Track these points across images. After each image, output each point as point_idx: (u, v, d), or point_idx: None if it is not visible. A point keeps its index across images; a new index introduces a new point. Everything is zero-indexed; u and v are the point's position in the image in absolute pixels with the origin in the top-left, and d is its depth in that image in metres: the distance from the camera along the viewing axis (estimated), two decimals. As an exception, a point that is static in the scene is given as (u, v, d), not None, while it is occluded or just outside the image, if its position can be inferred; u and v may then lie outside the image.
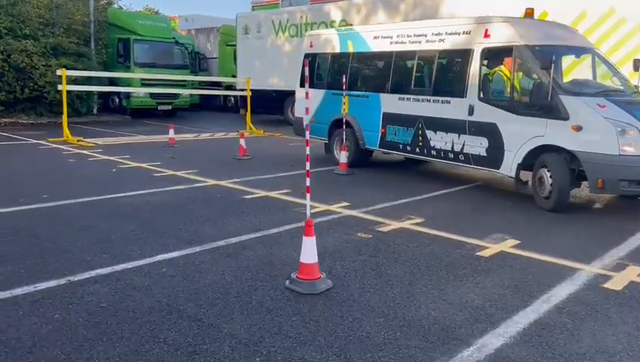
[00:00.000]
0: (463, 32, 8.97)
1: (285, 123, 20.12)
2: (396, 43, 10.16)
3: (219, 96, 25.12)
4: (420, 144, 9.46)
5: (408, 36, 9.97)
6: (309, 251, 4.40)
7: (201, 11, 39.61)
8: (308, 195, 4.60)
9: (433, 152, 9.26)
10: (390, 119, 10.06)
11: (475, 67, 8.63)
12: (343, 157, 10.16)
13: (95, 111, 20.20)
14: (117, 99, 21.02)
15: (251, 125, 17.27)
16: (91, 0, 20.14)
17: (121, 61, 20.64)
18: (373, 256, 5.29)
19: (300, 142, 13.68)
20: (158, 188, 8.17)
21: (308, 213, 4.55)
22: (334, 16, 18.40)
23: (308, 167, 4.58)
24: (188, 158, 11.28)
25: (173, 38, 22.45)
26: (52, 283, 4.39)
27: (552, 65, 7.61)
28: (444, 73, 9.59)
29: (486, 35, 8.59)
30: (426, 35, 9.62)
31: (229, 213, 6.83)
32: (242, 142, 11.58)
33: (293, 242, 5.65)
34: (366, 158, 11.06)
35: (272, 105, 20.68)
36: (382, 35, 10.56)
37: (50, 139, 13.39)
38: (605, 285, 4.66)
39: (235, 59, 25.14)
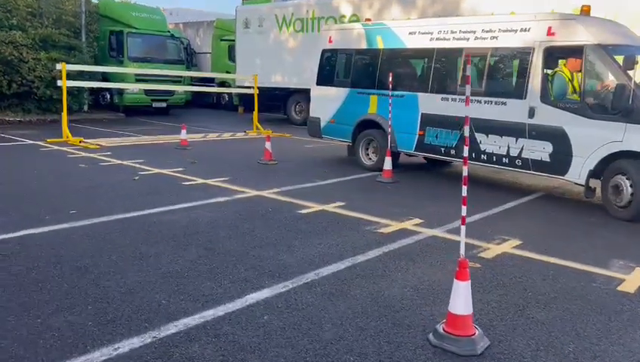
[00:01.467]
0: (521, 30, 8.23)
1: (288, 122, 19.16)
2: (437, 39, 9.33)
3: (211, 93, 23.94)
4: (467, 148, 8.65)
5: (452, 32, 9.14)
6: (463, 300, 3.48)
7: (182, 4, 38.22)
8: (463, 227, 3.66)
9: (483, 157, 8.51)
10: (430, 121, 9.25)
11: (536, 67, 7.92)
12: (387, 163, 9.26)
13: (86, 108, 18.85)
14: (108, 96, 19.70)
15: (259, 125, 16.24)
16: (82, -12, 18.83)
17: (114, 55, 19.36)
18: (504, 294, 4.40)
19: (318, 144, 12.78)
20: (196, 200, 7.15)
21: (462, 252, 3.61)
22: (344, 11, 17.47)
23: (465, 193, 3.65)
24: (209, 163, 10.25)
25: (169, 31, 21.21)
26: (135, 343, 3.39)
27: (636, 66, 6.96)
28: (498, 73, 8.88)
29: (549, 33, 7.87)
30: (474, 32, 8.83)
31: (295, 234, 5.87)
32: (268, 145, 10.57)
33: (395, 275, 4.75)
34: (395, 161, 10.22)
35: (273, 103, 19.63)
36: (419, 31, 9.71)
37: (49, 140, 12.17)
38: None
39: (229, 54, 24.04)
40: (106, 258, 4.87)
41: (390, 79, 9.26)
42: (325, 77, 11.23)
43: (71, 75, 15.42)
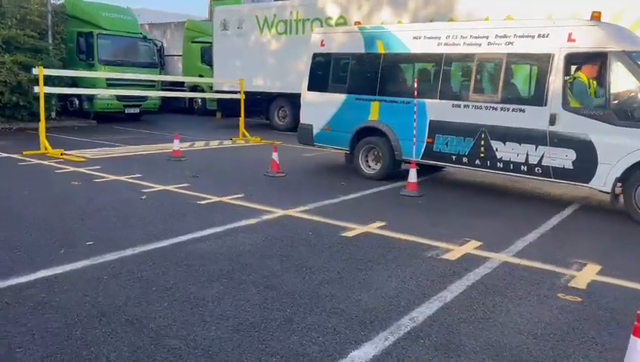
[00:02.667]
0: (539, 35, 7.94)
1: (270, 127, 18.39)
2: (446, 45, 8.88)
3: (183, 97, 22.87)
4: (482, 155, 8.31)
5: (463, 37, 8.71)
6: (645, 360, 2.88)
7: (146, 4, 36.82)
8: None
9: (499, 164, 8.19)
10: (440, 128, 8.81)
11: (557, 73, 7.70)
12: (412, 175, 8.64)
13: (54, 115, 17.57)
14: (77, 101, 18.46)
15: (245, 132, 15.39)
16: (47, -13, 17.54)
17: (83, 58, 18.13)
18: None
19: (316, 153, 12.10)
20: (223, 224, 6.34)
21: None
22: (331, 13, 16.83)
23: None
24: (212, 177, 9.44)
25: (141, 32, 20.09)
26: None
27: None
28: (515, 79, 8.64)
29: (570, 39, 7.62)
30: (487, 37, 8.44)
31: (355, 264, 5.17)
32: (275, 156, 9.78)
33: (499, 317, 4.14)
34: (398, 169, 9.71)
35: (253, 108, 18.77)
36: (425, 36, 9.21)
37: (26, 152, 11.04)
38: None
39: (202, 57, 23.09)
40: (156, 306, 4.05)
41: (415, 85, 8.68)
42: (318, 82, 10.58)
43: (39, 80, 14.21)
